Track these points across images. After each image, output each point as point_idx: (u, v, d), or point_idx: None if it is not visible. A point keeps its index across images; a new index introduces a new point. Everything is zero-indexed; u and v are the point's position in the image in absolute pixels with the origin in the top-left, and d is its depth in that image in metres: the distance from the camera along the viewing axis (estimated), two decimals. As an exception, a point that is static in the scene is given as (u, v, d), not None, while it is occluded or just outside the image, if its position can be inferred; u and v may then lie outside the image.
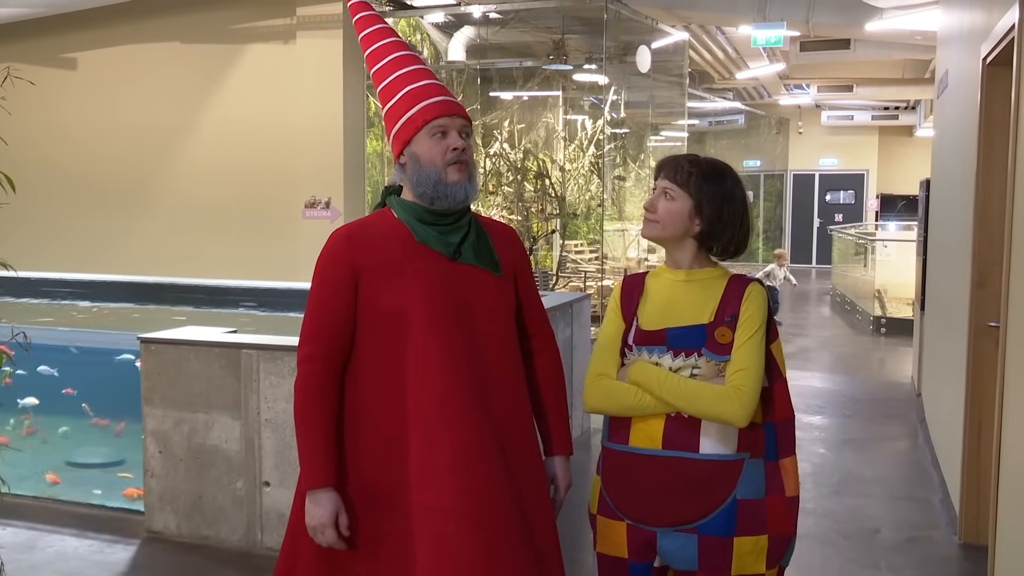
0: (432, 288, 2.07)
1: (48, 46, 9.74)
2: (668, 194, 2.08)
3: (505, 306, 2.17)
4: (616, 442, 2.11)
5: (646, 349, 2.07)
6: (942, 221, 5.89)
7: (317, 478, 2.02)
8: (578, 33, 11.49)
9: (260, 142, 9.01)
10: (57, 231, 9.76)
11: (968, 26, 4.88)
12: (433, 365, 2.03)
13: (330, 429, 2.06)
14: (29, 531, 4.25)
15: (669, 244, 2.13)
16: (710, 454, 2.02)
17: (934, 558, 4.10)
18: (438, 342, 2.04)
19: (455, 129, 2.10)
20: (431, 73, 2.19)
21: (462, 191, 2.10)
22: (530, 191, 12.40)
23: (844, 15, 9.67)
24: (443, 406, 2.03)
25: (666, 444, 2.03)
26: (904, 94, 15.80)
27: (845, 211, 20.65)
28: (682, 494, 2.02)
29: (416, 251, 2.10)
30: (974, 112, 4.20)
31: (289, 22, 8.83)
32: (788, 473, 2.10)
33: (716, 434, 2.02)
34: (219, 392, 4.07)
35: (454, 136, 2.09)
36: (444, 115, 2.10)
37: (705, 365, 2.02)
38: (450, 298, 2.08)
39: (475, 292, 2.12)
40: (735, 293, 2.06)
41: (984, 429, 4.08)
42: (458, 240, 2.12)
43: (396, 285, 2.07)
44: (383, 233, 2.12)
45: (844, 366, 8.88)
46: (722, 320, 2.03)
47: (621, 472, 2.10)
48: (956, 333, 4.62)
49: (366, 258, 2.07)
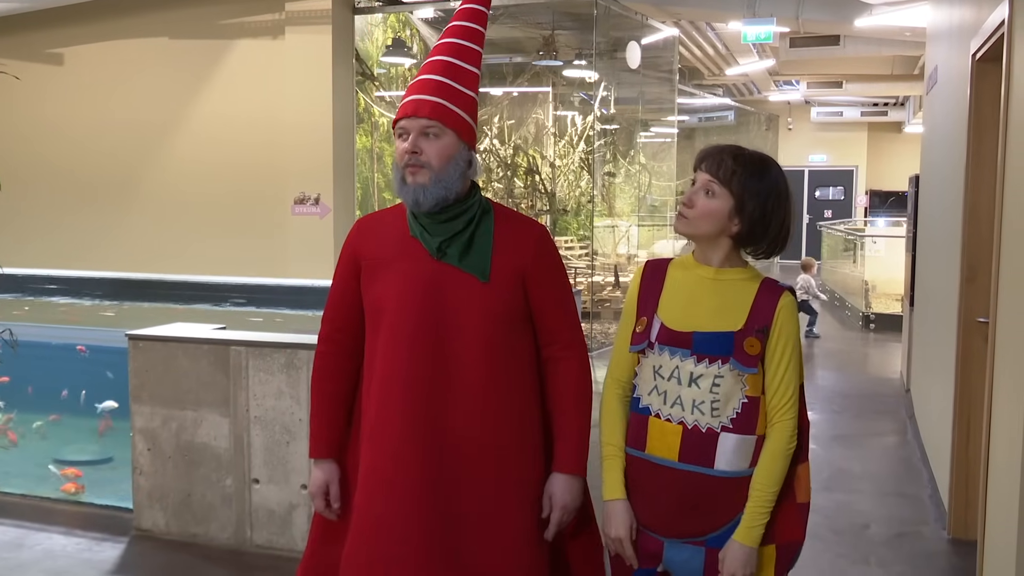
0: (409, 287, 2.05)
1: (34, 41, 9.67)
2: (709, 190, 1.96)
3: (492, 314, 2.05)
4: (633, 446, 2.03)
5: (668, 350, 1.97)
6: (932, 217, 5.91)
7: (312, 448, 2.19)
8: (568, 29, 11.48)
9: (249, 138, 8.97)
10: (44, 227, 9.69)
11: (957, 22, 4.89)
12: (391, 367, 2.05)
13: (331, 405, 2.18)
14: (16, 529, 4.22)
15: (702, 241, 2.01)
16: (725, 471, 1.95)
17: (923, 553, 4.11)
18: (401, 344, 2.04)
19: (415, 131, 2.04)
20: (440, 65, 2.11)
21: (411, 196, 2.04)
22: (520, 187, 12.39)
23: (834, 11, 9.68)
24: (385, 410, 2.05)
25: (682, 457, 1.95)
26: (893, 90, 15.84)
27: (834, 207, 20.71)
28: (694, 508, 1.96)
29: (408, 247, 2.09)
30: (964, 108, 4.20)
31: (277, 17, 8.79)
32: (800, 480, 2.03)
33: (732, 451, 1.95)
34: (208, 389, 4.05)
35: (411, 139, 2.04)
36: (405, 116, 2.06)
37: (728, 374, 1.93)
38: (426, 300, 2.04)
39: (457, 296, 2.05)
40: (767, 302, 1.95)
41: (973, 425, 4.09)
42: (444, 239, 2.06)
43: (382, 279, 2.09)
44: (392, 224, 2.13)
45: (833, 362, 8.91)
46: (752, 330, 1.94)
47: (635, 477, 2.03)
48: (945, 329, 4.64)
49: (367, 248, 2.13)
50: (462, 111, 2.08)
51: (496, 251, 2.09)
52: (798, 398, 1.97)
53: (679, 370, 1.96)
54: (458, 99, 2.08)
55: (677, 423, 1.96)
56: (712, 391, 1.94)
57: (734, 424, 1.94)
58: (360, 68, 9.60)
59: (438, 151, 2.03)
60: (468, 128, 2.09)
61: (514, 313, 2.09)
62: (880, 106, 18.68)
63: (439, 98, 2.05)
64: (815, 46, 11.63)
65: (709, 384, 1.94)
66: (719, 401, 1.94)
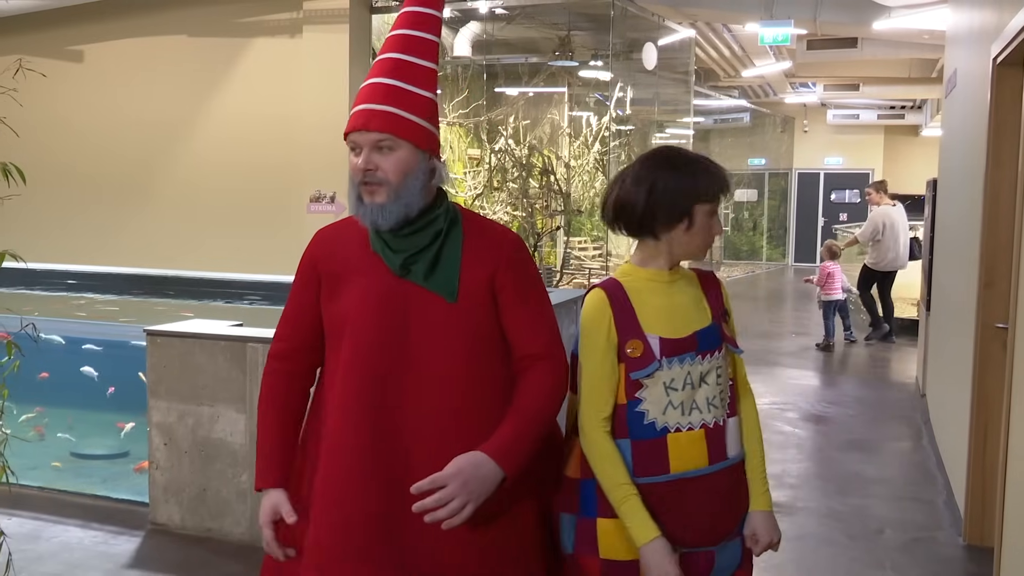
0: (370, 306, 1.88)
1: (55, 38, 9.74)
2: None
3: (460, 336, 1.87)
4: (653, 474, 1.91)
5: (676, 360, 1.93)
6: (949, 221, 5.88)
7: (260, 478, 1.96)
8: (584, 30, 11.48)
9: (265, 136, 9.01)
10: (62, 223, 9.76)
11: (978, 25, 4.86)
12: (347, 390, 1.88)
13: (282, 429, 1.98)
14: (34, 521, 4.26)
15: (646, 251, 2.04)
16: (734, 456, 2.00)
17: (939, 559, 4.09)
18: (357, 368, 1.87)
19: (367, 145, 1.85)
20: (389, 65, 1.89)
21: (368, 217, 1.87)
22: (535, 187, 12.39)
23: (852, 14, 9.65)
24: (339, 439, 1.87)
25: (712, 459, 1.94)
26: (911, 93, 15.77)
27: (850, 210, 20.62)
28: (724, 506, 1.97)
29: (369, 262, 1.91)
30: (983, 112, 4.18)
31: (295, 16, 8.82)
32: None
33: (732, 433, 2.00)
34: (224, 385, 4.07)
35: (363, 155, 1.86)
36: (355, 130, 1.86)
37: (723, 362, 1.99)
38: (387, 320, 1.87)
39: (422, 316, 1.87)
40: (713, 287, 2.04)
41: (990, 431, 4.07)
42: (408, 255, 1.88)
43: (342, 295, 1.92)
44: (351, 237, 1.96)
45: (848, 366, 8.87)
46: (721, 314, 2.02)
47: (664, 504, 1.91)
48: (963, 334, 4.61)
49: (327, 262, 1.96)
50: (417, 117, 1.87)
51: (465, 266, 1.90)
52: None
53: (690, 375, 1.94)
54: (412, 104, 1.87)
55: (699, 428, 1.93)
56: (718, 383, 1.97)
57: (731, 408, 2.01)
58: (377, 67, 9.62)
59: (394, 166, 1.84)
60: (426, 135, 1.88)
61: (485, 333, 1.90)
62: (897, 109, 18.60)
63: (390, 106, 1.85)
64: (832, 48, 11.59)
65: (715, 377, 1.97)
66: (723, 390, 1.99)
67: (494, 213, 12.65)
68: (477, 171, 13.02)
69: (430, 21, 1.94)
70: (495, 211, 12.64)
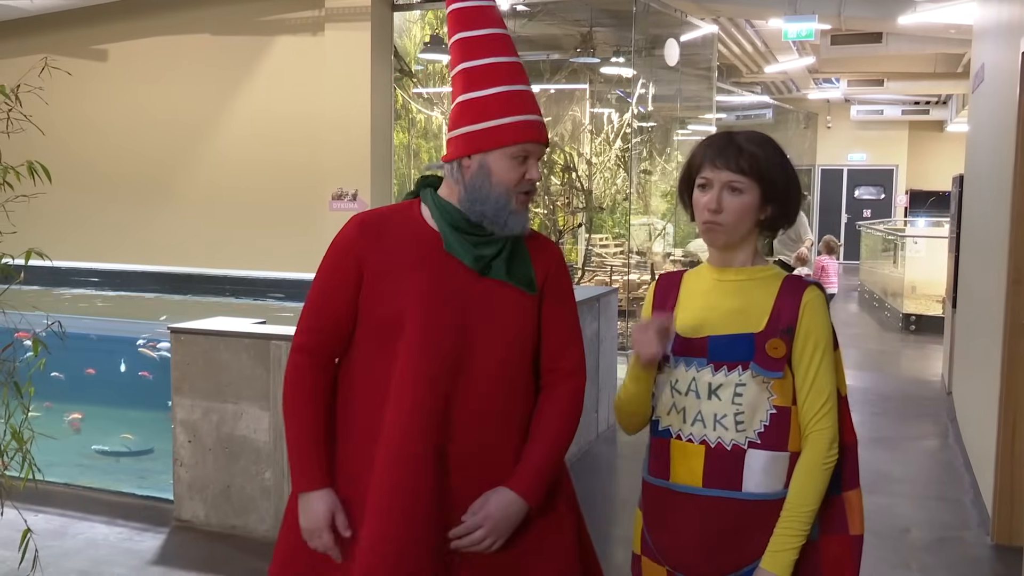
0: (438, 303, 1.85)
1: (79, 37, 9.82)
2: (735, 187, 1.76)
3: (526, 334, 1.91)
4: (656, 475, 1.85)
5: (684, 361, 1.80)
6: (977, 217, 5.81)
7: (305, 479, 1.88)
8: (606, 26, 11.44)
9: (288, 134, 9.04)
10: (85, 221, 9.84)
11: (1006, 19, 4.79)
12: (407, 396, 1.82)
13: (321, 426, 1.90)
14: (60, 518, 4.29)
15: (733, 244, 1.81)
16: (755, 493, 1.74)
17: (966, 559, 4.04)
18: (423, 369, 1.82)
19: (536, 157, 1.89)
20: (524, 72, 1.92)
21: (520, 223, 1.89)
22: (556, 184, 12.37)
23: (877, 8, 9.55)
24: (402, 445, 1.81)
25: (707, 482, 1.76)
26: (936, 88, 15.61)
27: (874, 207, 20.45)
28: (723, 540, 1.75)
29: (433, 257, 1.87)
30: (1012, 106, 4.12)
31: (317, 14, 8.84)
32: (853, 508, 1.81)
33: (762, 469, 1.74)
34: (248, 382, 4.08)
35: (534, 167, 1.88)
36: (533, 141, 1.87)
37: (751, 381, 1.75)
38: (456, 318, 1.84)
39: (492, 315, 1.87)
40: (791, 299, 1.76)
41: (1018, 429, 4.02)
42: (492, 253, 1.88)
43: (400, 291, 1.85)
44: (403, 229, 1.90)
45: (873, 363, 8.80)
46: (776, 331, 1.74)
47: (660, 511, 1.83)
48: (991, 331, 4.56)
49: (376, 254, 1.87)
50: None
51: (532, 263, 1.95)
52: (836, 407, 1.75)
53: (696, 382, 1.78)
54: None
55: (699, 443, 1.77)
56: (735, 402, 1.74)
57: (762, 439, 1.74)
58: (398, 65, 9.64)
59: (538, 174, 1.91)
60: None
61: (534, 333, 1.94)
62: (922, 104, 18.42)
63: (539, 116, 1.91)
64: (857, 43, 11.49)
65: (731, 394, 1.75)
66: (743, 413, 1.74)
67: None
68: (498, 168, 12.99)
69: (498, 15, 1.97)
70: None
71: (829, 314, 1.79)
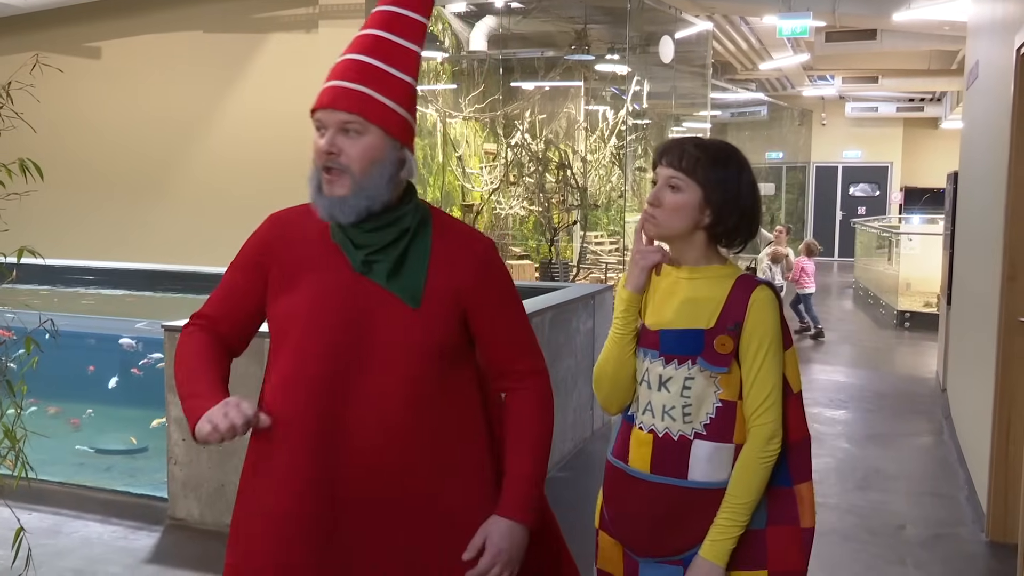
0: (324, 303, 1.70)
1: (72, 35, 9.78)
2: (674, 185, 1.82)
3: (419, 344, 1.69)
4: (618, 456, 1.91)
5: (642, 352, 1.87)
6: (971, 214, 5.82)
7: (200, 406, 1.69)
8: (601, 23, 11.45)
9: (282, 132, 9.00)
10: (78, 219, 9.81)
11: (1001, 16, 4.80)
12: (289, 395, 1.71)
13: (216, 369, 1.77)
14: (54, 516, 4.27)
15: (676, 240, 1.87)
16: (700, 481, 1.81)
17: (961, 555, 4.05)
18: (304, 371, 1.70)
19: (333, 126, 1.67)
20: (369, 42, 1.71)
21: (326, 209, 1.69)
22: (551, 182, 12.36)
23: (871, 5, 9.57)
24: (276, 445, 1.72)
25: (654, 468, 1.83)
26: (930, 85, 15.64)
27: (868, 204, 20.49)
28: (669, 523, 1.82)
29: (328, 255, 1.73)
30: (1007, 103, 4.13)
31: (311, 11, 8.82)
32: (804, 501, 1.85)
33: (707, 459, 1.81)
34: (242, 380, 4.03)
35: (327, 136, 1.68)
36: (322, 107, 1.69)
37: (699, 375, 1.81)
38: (341, 319, 1.69)
39: (380, 319, 1.69)
40: (740, 297, 1.81)
41: (1013, 425, 4.03)
42: (371, 250, 1.70)
43: (294, 289, 1.74)
44: (311, 226, 1.76)
45: (867, 360, 8.81)
46: (724, 327, 1.80)
47: (616, 490, 1.91)
48: (985, 328, 4.56)
49: (282, 251, 1.77)
50: (392, 101, 1.69)
51: (432, 271, 1.72)
52: (779, 403, 1.80)
53: (649, 373, 1.85)
54: (388, 86, 1.69)
55: (648, 431, 1.85)
56: (683, 395, 1.81)
57: (708, 430, 1.81)
58: (392, 62, 9.64)
59: (360, 152, 1.66)
60: (399, 122, 1.70)
61: (447, 346, 1.73)
62: (916, 101, 18.46)
63: (364, 86, 1.67)
64: (851, 40, 11.51)
65: (679, 387, 1.81)
66: (691, 405, 1.81)
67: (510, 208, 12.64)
68: (493, 166, 13.01)
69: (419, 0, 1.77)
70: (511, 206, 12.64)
71: (780, 313, 1.84)
